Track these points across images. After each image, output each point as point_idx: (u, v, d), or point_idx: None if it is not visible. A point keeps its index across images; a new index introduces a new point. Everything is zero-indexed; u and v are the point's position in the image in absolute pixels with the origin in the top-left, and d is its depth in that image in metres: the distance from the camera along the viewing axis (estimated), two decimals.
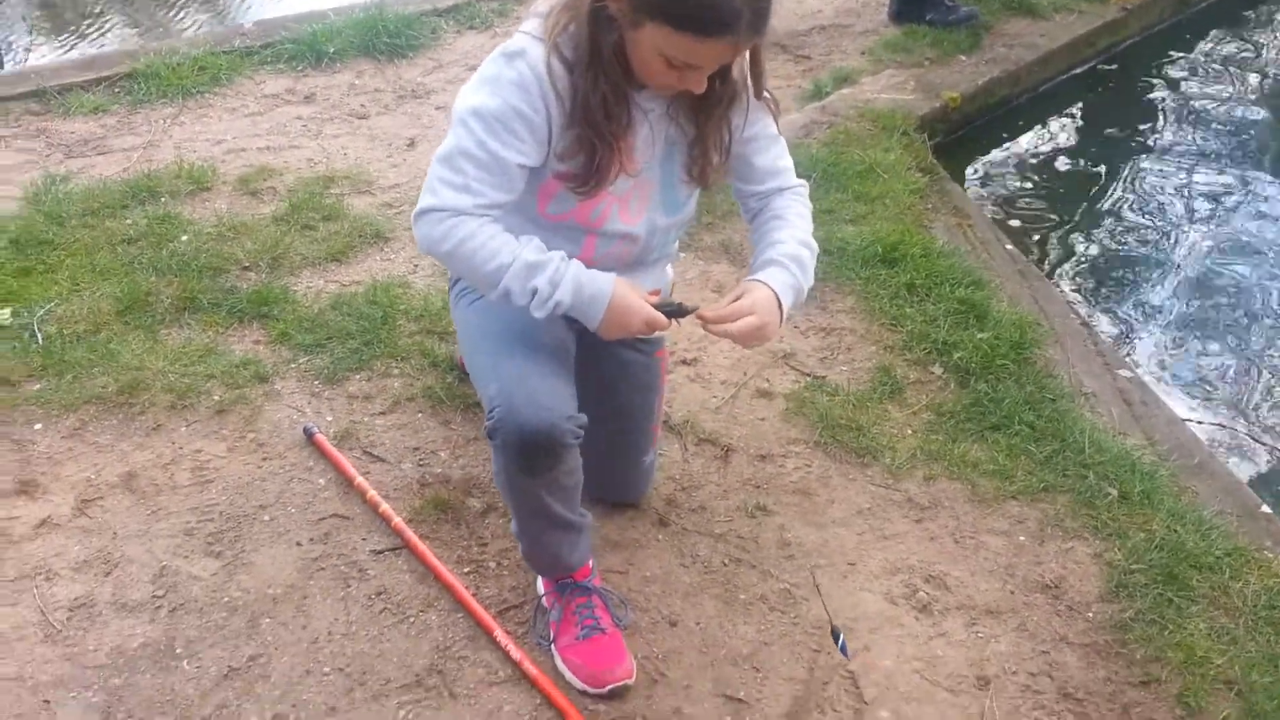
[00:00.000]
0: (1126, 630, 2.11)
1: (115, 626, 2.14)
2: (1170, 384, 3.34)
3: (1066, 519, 2.40)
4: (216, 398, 2.77)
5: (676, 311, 1.89)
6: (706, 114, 1.85)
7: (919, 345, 2.95)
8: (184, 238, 3.44)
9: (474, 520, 2.40)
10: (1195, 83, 5.34)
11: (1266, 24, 6.06)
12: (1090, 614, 2.17)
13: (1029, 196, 4.49)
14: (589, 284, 1.80)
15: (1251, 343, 3.58)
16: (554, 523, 1.97)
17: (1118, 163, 4.67)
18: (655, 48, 1.66)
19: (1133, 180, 4.55)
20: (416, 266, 3.32)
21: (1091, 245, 4.13)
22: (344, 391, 2.81)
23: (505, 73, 1.73)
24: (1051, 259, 4.03)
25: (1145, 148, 4.80)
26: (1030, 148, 4.82)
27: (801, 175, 2.09)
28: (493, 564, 2.30)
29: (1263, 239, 4.18)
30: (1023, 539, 2.37)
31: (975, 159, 4.67)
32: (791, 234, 1.99)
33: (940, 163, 4.08)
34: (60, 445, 2.60)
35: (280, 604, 2.20)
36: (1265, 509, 2.44)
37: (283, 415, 2.73)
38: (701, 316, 1.87)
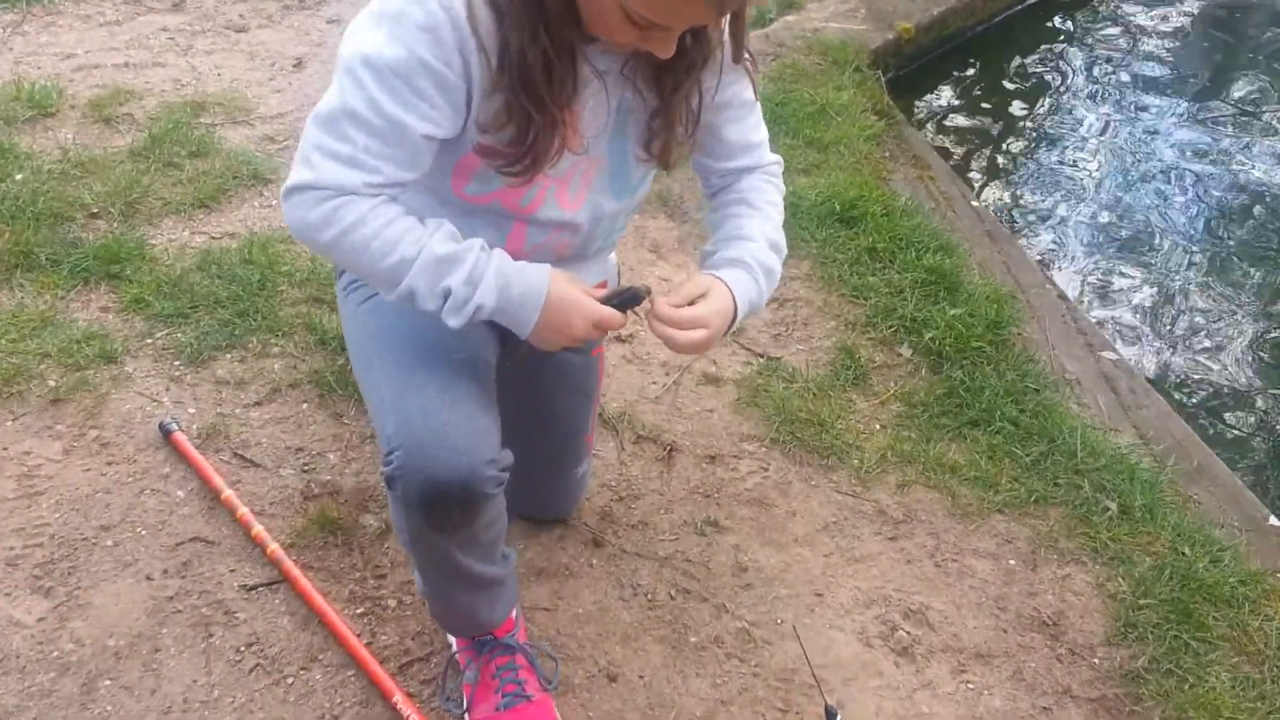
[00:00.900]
0: (1139, 682, 1.83)
1: None
2: (1154, 357, 3.07)
3: (1061, 538, 2.10)
4: (51, 383, 2.27)
5: (630, 299, 1.47)
6: (673, 79, 1.42)
7: (884, 321, 2.60)
8: (19, 176, 2.87)
9: (370, 544, 1.99)
10: (1156, 9, 5.04)
11: None
12: (1096, 659, 1.88)
13: (988, 139, 4.15)
14: (518, 280, 1.38)
15: (1241, 307, 3.32)
16: (469, 582, 1.57)
17: (1081, 98, 4.35)
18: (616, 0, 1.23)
19: (1098, 117, 4.24)
20: None
21: (1058, 194, 3.82)
22: (211, 375, 2.34)
23: (411, 10, 1.27)
24: (1017, 213, 3.72)
25: (1111, 80, 4.49)
26: (987, 83, 4.46)
27: None
28: (392, 602, 1.90)
29: (1250, 180, 3.90)
30: (1013, 563, 2.07)
31: (930, 96, 4.31)
32: (763, 230, 1.60)
33: (894, 101, 3.71)
34: None
35: (124, 660, 1.77)
36: (1274, 520, 2.18)
37: (133, 406, 2.25)
38: (654, 305, 1.46)
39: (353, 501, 2.07)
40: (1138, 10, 5.08)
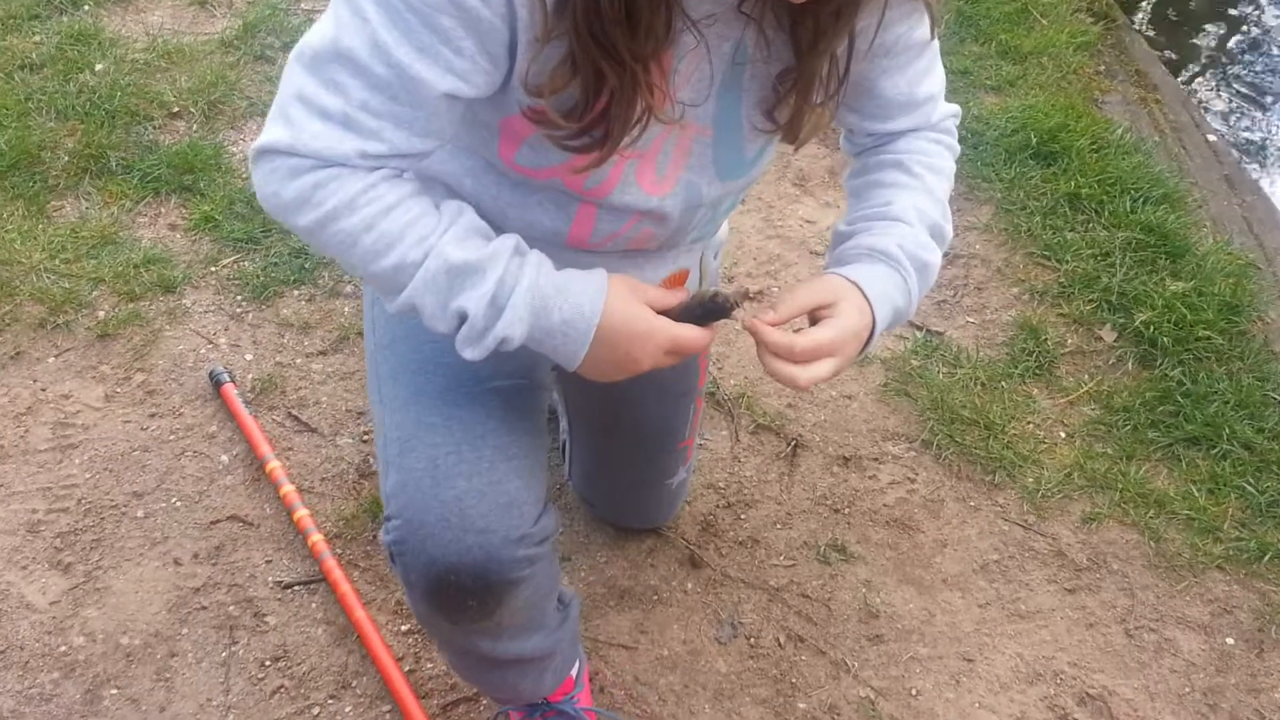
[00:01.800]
0: None
1: None
2: None
3: None
4: (102, 314, 2.03)
5: (717, 310, 1.04)
6: (814, 25, 0.96)
7: (1083, 294, 2.07)
8: (99, 66, 2.61)
9: None
10: None
11: None
12: None
13: (1234, 54, 3.39)
14: (559, 302, 0.98)
15: None
16: (504, 664, 1.23)
17: None
18: None
19: None
20: None
21: None
22: (274, 315, 2.05)
23: None
24: (1270, 153, 3.01)
25: None
26: None
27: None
28: None
29: None
30: (1231, 641, 1.59)
31: None
32: (921, 208, 1.14)
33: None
34: None
35: (135, 664, 1.53)
36: None
37: (186, 347, 1.99)
38: (753, 329, 1.03)
39: None
40: None
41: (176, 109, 2.51)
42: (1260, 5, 3.58)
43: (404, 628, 1.58)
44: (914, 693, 1.52)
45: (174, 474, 1.79)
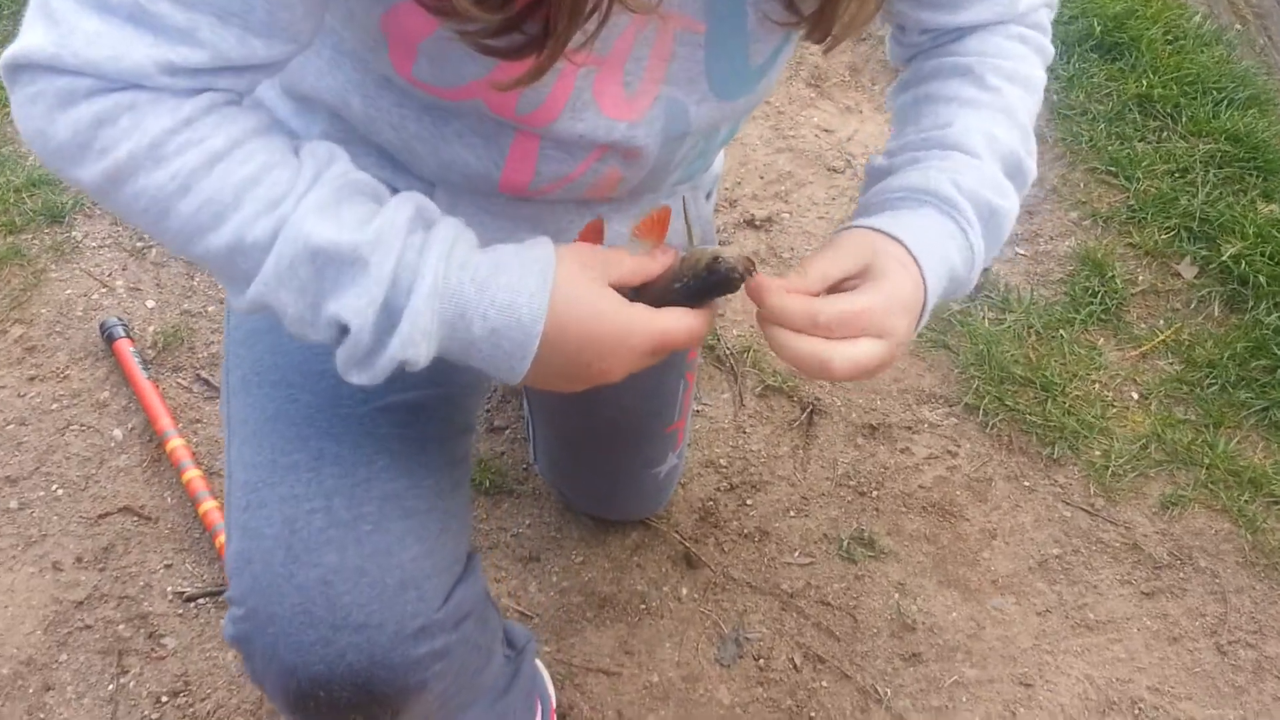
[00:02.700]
0: None
1: None
2: None
3: None
4: None
5: (720, 282, 0.70)
6: None
7: (1156, 219, 1.73)
8: None
9: None
10: None
11: None
12: None
13: None
14: (482, 299, 0.65)
15: None
16: None
17: None
18: None
19: None
20: None
21: None
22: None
23: None
24: None
25: None
26: None
27: None
28: None
29: None
30: None
31: None
32: (989, 135, 0.80)
33: None
34: None
35: (2, 700, 1.24)
36: None
37: (75, 292, 1.65)
38: (757, 292, 0.69)
39: None
40: None
41: None
42: None
43: None
44: None
45: (56, 453, 1.47)
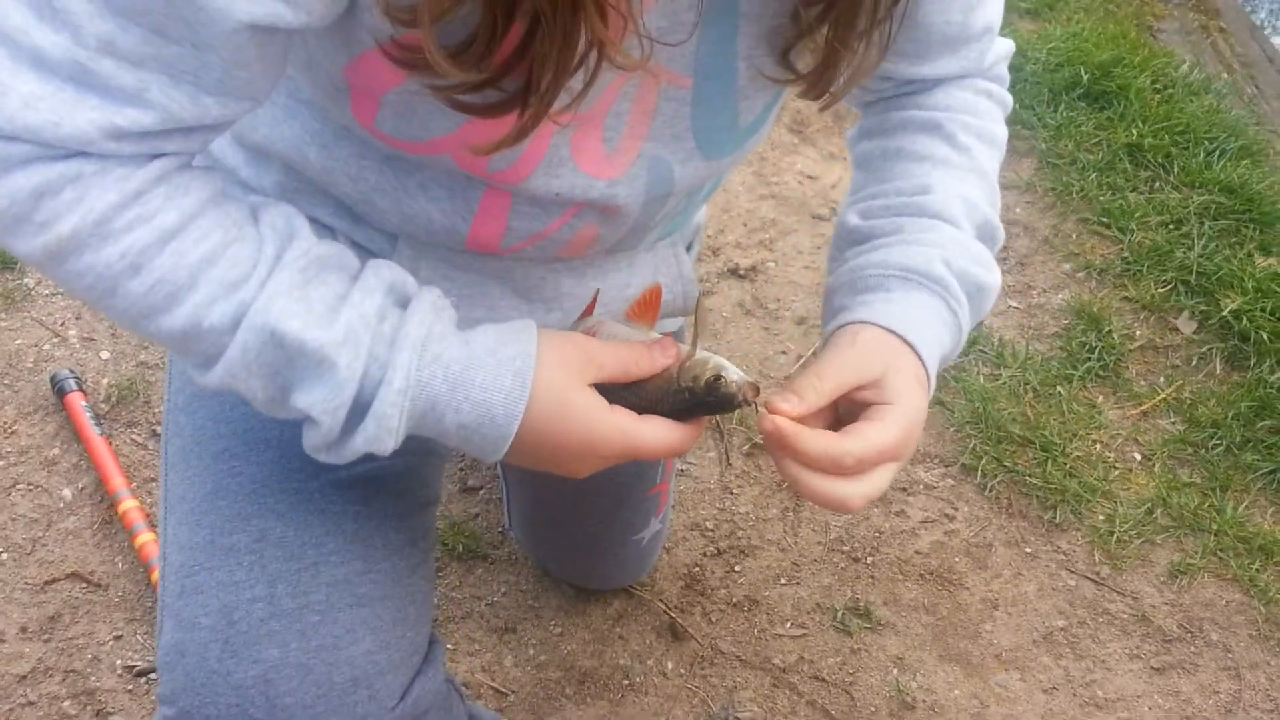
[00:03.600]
0: None
1: None
2: None
3: None
4: None
5: (719, 402, 0.67)
6: None
7: (1152, 272, 1.69)
8: None
9: None
10: None
11: None
12: None
13: None
14: (455, 396, 0.61)
15: None
16: None
17: None
18: None
19: None
20: None
21: None
22: None
23: None
24: None
25: None
26: None
27: None
28: None
29: None
30: None
31: None
32: (968, 201, 0.77)
33: None
34: None
35: None
36: None
37: (25, 342, 1.56)
38: (778, 437, 0.65)
39: None
40: None
41: None
42: None
43: None
44: None
45: (1, 514, 1.37)
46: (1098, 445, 1.49)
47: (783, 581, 1.36)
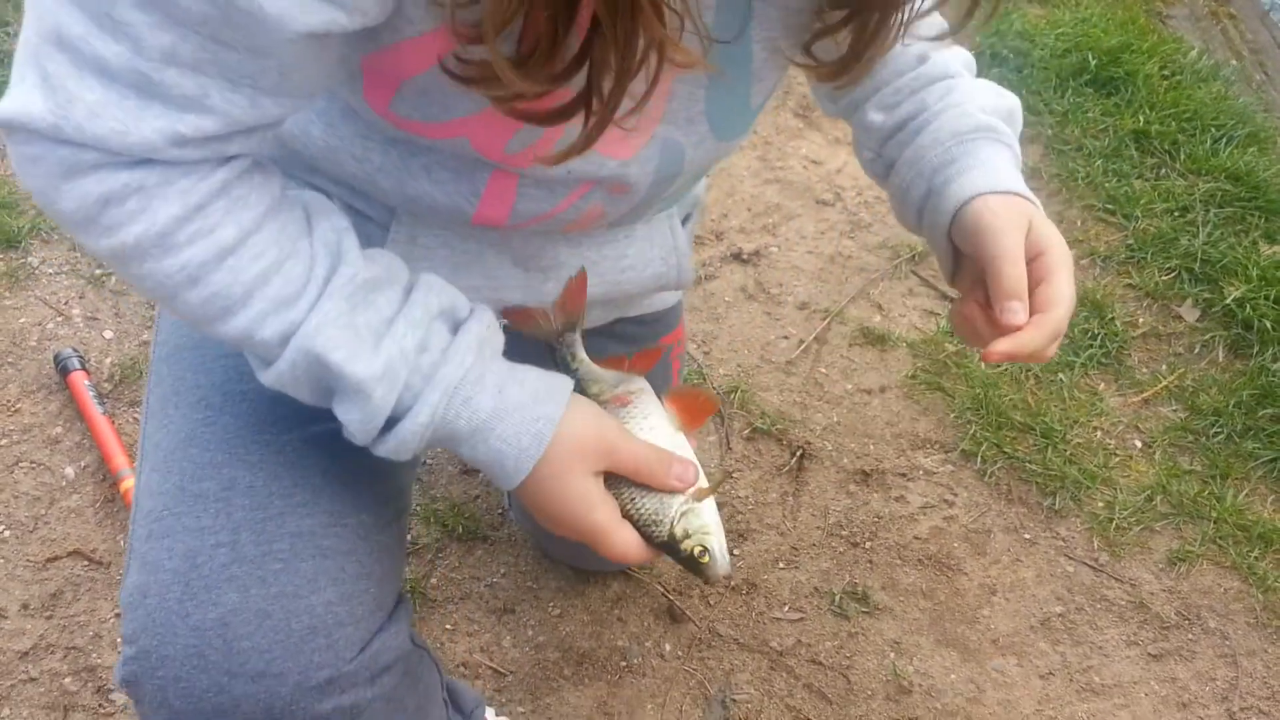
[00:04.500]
0: None
1: None
2: None
3: None
4: None
5: (689, 565, 0.73)
6: None
7: (1157, 260, 1.68)
8: None
9: None
10: None
11: None
12: None
13: None
14: (475, 439, 0.67)
15: None
16: None
17: None
18: None
19: None
20: None
21: None
22: None
23: None
24: None
25: None
26: None
27: None
28: None
29: None
30: None
31: None
32: (958, 58, 0.85)
33: None
34: None
35: None
36: None
37: (29, 321, 1.57)
38: (1017, 357, 0.73)
39: None
40: None
41: None
42: None
43: None
44: None
45: (3, 492, 1.38)
46: (1098, 432, 1.49)
47: (781, 565, 1.36)
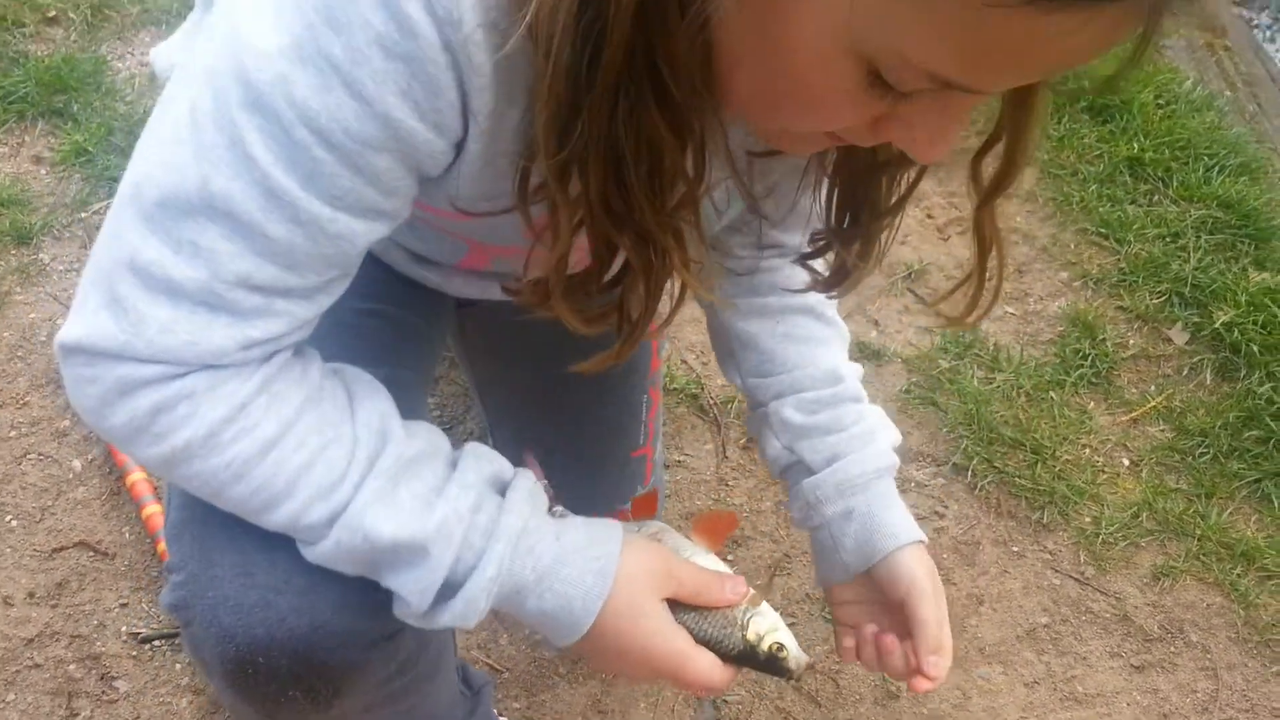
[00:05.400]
0: None
1: None
2: None
3: None
4: None
5: (770, 668, 0.76)
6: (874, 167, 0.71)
7: (1148, 283, 1.72)
8: None
9: None
10: None
11: None
12: None
13: None
14: (541, 586, 0.68)
15: None
16: None
17: None
18: (874, 46, 0.49)
19: None
20: None
21: None
22: None
23: (368, 13, 0.51)
24: None
25: None
26: None
27: None
28: None
29: None
30: None
31: None
32: (852, 368, 0.95)
33: None
34: None
35: None
36: None
37: (39, 316, 1.59)
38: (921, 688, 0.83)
39: None
40: None
41: (54, 13, 2.07)
42: None
43: None
44: None
45: (11, 483, 1.41)
46: (1087, 450, 1.52)
47: (770, 568, 1.39)
